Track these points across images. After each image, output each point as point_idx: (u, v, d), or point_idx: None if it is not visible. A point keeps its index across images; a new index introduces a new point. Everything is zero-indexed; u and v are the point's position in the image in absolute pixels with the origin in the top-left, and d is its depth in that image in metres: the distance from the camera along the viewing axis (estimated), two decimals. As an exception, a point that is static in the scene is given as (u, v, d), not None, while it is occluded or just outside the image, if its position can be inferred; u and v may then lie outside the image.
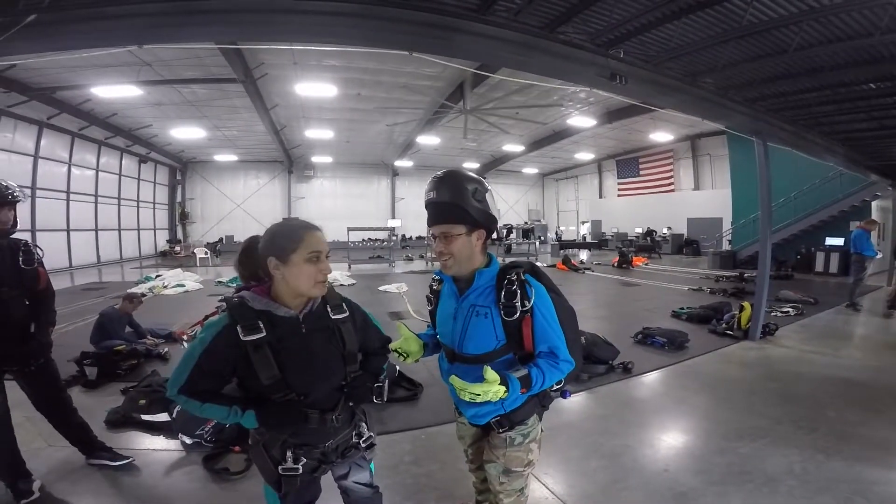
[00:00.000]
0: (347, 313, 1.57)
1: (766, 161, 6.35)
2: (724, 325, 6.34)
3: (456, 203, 1.51)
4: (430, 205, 1.58)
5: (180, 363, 1.37)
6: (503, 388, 1.40)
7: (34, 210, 13.16)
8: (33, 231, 12.80)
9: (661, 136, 18.65)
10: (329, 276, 1.47)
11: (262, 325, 1.35)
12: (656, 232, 20.86)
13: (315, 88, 11.53)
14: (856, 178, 11.50)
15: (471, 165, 23.80)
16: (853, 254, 8.26)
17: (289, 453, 1.45)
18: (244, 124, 16.04)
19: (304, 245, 1.38)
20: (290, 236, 1.40)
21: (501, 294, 1.52)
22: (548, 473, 2.86)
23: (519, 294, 1.49)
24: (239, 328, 1.34)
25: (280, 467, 1.45)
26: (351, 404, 1.57)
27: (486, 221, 1.56)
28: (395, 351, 1.74)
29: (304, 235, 1.40)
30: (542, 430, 1.73)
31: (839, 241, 12.78)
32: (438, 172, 1.59)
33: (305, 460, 1.48)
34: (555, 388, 1.67)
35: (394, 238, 20.65)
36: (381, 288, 10.77)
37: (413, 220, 25.88)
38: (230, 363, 1.36)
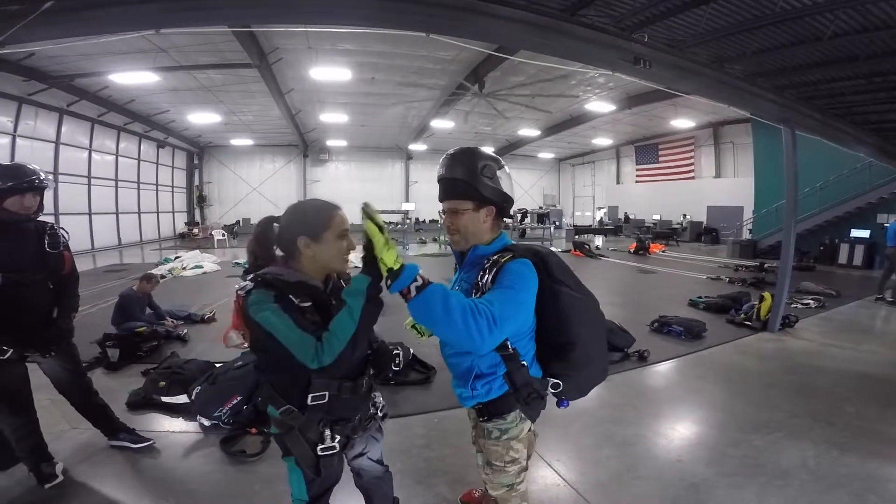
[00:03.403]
0: None
1: (793, 150, 6.17)
2: (742, 316, 6.25)
3: (463, 179, 1.51)
4: (440, 181, 1.59)
5: (283, 337, 1.30)
6: (391, 259, 1.22)
7: (57, 195, 13.42)
8: (56, 215, 13.09)
9: (683, 123, 18.21)
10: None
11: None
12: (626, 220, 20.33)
13: (330, 73, 11.48)
14: (886, 169, 11.07)
15: (486, 149, 23.43)
16: (893, 247, 7.85)
17: (327, 431, 1.47)
18: (260, 109, 16.08)
19: (336, 223, 1.45)
20: (320, 216, 1.46)
21: (479, 272, 1.49)
22: (560, 460, 2.87)
23: (489, 275, 1.43)
24: (291, 296, 1.36)
25: (319, 447, 1.46)
26: (372, 373, 1.62)
27: (496, 198, 1.53)
28: (413, 328, 1.75)
29: (335, 214, 1.47)
30: (530, 430, 1.66)
31: (865, 234, 12.43)
32: (451, 150, 1.59)
33: (339, 437, 1.50)
34: (549, 390, 1.59)
35: (407, 221, 20.68)
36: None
37: (427, 203, 25.77)
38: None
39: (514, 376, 1.53)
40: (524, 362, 1.53)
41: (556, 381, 1.58)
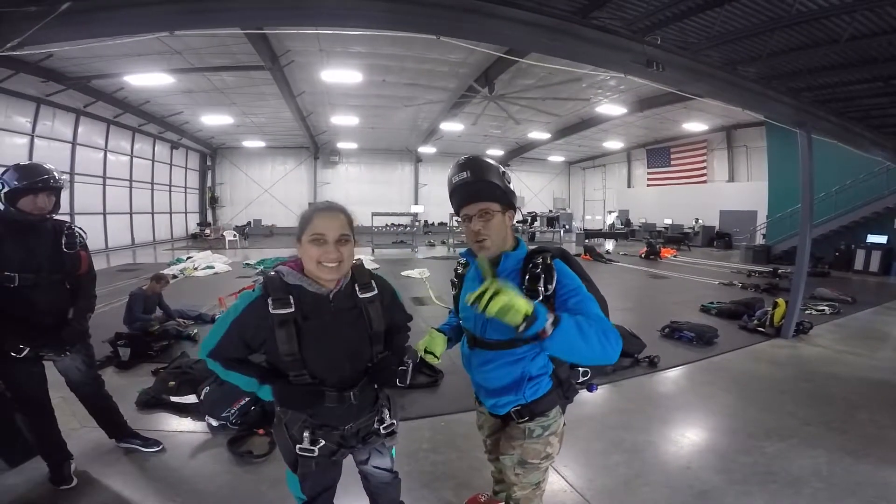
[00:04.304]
0: (376, 291, 1.55)
1: (809, 154, 6.07)
2: (755, 322, 6.16)
3: (491, 181, 1.50)
4: (462, 185, 1.53)
5: (213, 327, 1.44)
6: (524, 304, 1.19)
7: (73, 194, 13.70)
8: (72, 214, 13.32)
9: (695, 126, 18.03)
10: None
11: (291, 301, 1.38)
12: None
13: (341, 75, 11.55)
14: (905, 173, 10.92)
15: (495, 152, 23.59)
16: None
17: (306, 434, 1.46)
18: (271, 111, 16.22)
19: (310, 227, 1.39)
20: (305, 217, 1.43)
21: (526, 277, 1.47)
22: (567, 466, 2.84)
23: (543, 278, 1.43)
24: (269, 301, 1.36)
25: (297, 447, 1.46)
26: (375, 387, 1.58)
27: (514, 202, 1.57)
28: (424, 351, 1.71)
29: (313, 217, 1.40)
30: (564, 424, 1.68)
31: (882, 239, 12.21)
32: (462, 157, 1.57)
33: (323, 442, 1.49)
34: (580, 380, 1.64)
35: (417, 224, 20.72)
36: (403, 273, 10.85)
37: (435, 206, 25.87)
38: (259, 334, 1.40)
39: (559, 372, 1.60)
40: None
41: (585, 369, 1.65)
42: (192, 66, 11.16)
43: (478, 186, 1.52)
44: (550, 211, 26.07)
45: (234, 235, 18.30)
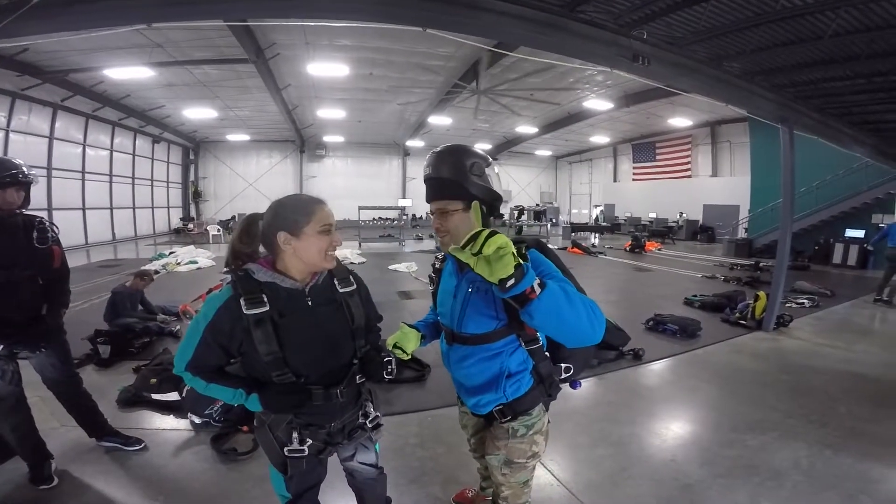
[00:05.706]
0: (355, 286, 1.56)
1: (790, 149, 6.16)
2: (737, 315, 6.26)
3: (451, 178, 1.46)
4: (426, 180, 1.54)
5: (185, 338, 1.37)
6: (512, 261, 1.11)
7: (50, 190, 13.35)
8: (49, 210, 12.99)
9: (680, 122, 18.22)
10: (339, 253, 1.45)
11: (265, 299, 1.34)
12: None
13: (327, 68, 11.39)
14: (881, 169, 11.11)
15: (483, 146, 23.57)
16: (893, 248, 7.66)
17: (294, 434, 1.44)
18: (256, 104, 15.99)
19: (317, 218, 1.38)
20: (301, 210, 1.39)
21: None
22: (553, 460, 2.86)
23: None
24: (242, 301, 1.32)
25: (286, 449, 1.44)
26: (358, 382, 1.55)
27: (485, 196, 1.49)
28: (394, 346, 1.67)
29: (316, 209, 1.39)
30: (548, 422, 1.66)
31: (860, 234, 12.48)
32: (437, 147, 1.54)
33: (311, 441, 1.47)
34: (563, 376, 1.61)
35: (404, 217, 20.65)
36: (390, 267, 10.81)
37: (423, 199, 25.60)
38: (235, 337, 1.35)
39: (540, 368, 1.55)
40: (546, 353, 1.55)
41: (567, 365, 1.61)
42: (173, 60, 10.93)
43: (435, 183, 1.52)
44: (537, 205, 26.18)
45: (218, 230, 18.04)
